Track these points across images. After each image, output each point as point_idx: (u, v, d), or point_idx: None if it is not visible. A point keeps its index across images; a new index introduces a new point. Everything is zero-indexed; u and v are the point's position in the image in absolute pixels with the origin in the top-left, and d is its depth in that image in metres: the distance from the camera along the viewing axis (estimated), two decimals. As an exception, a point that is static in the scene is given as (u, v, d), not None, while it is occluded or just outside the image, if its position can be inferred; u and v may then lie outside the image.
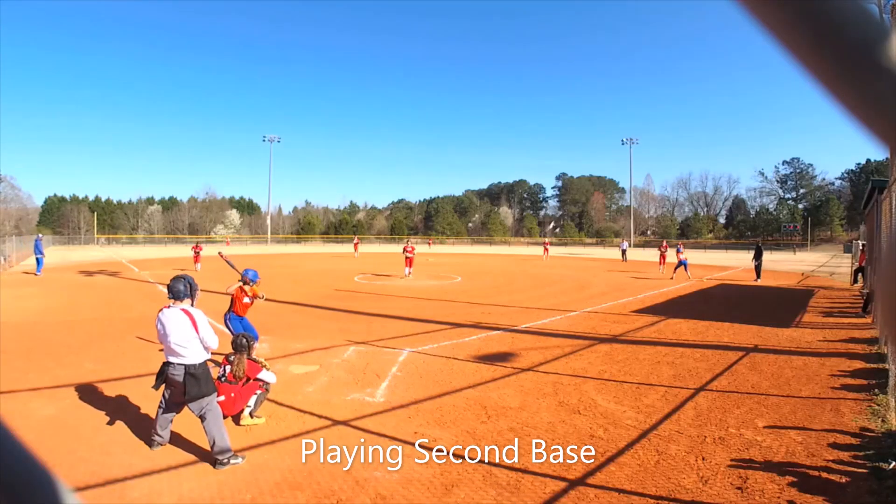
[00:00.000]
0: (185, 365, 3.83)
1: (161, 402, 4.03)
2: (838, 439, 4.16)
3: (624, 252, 33.29)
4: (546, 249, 35.18)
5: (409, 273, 18.96)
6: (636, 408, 4.97)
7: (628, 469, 3.67)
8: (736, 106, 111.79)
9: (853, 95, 0.27)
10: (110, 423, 4.44)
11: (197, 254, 22.44)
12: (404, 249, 19.50)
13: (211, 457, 3.75)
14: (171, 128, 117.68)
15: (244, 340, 4.77)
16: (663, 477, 3.54)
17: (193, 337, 3.86)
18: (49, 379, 5.68)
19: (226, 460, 3.69)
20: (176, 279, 4.07)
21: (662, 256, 21.86)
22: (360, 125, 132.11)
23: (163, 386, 4.00)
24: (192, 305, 4.05)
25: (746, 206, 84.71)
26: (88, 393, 5.20)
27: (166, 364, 3.90)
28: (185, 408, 3.93)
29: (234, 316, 6.33)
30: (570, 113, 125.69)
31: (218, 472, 3.59)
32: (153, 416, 4.39)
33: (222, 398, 4.34)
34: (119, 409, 4.75)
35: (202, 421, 3.82)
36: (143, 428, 4.33)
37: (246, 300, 6.42)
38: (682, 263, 18.74)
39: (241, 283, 6.33)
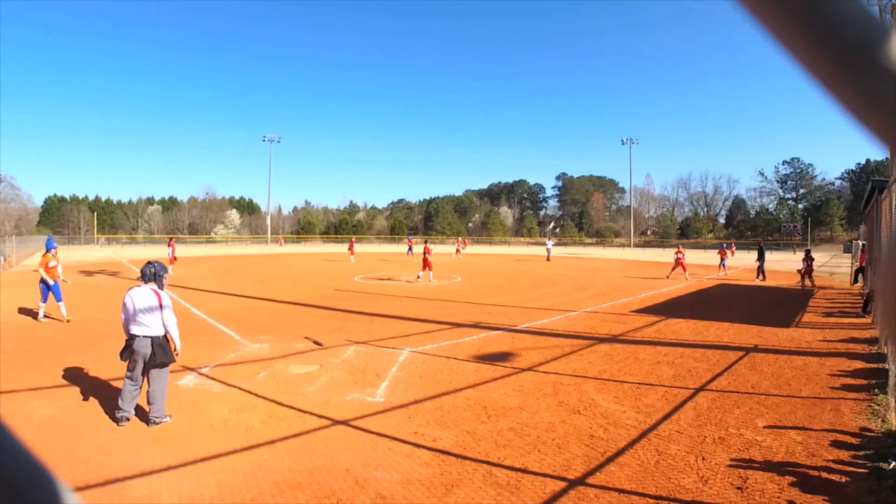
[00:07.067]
0: (151, 337, 4.42)
1: (127, 375, 4.44)
2: (838, 439, 4.16)
3: (549, 251, 32.56)
4: (458, 249, 32.37)
5: (426, 277, 17.13)
6: (636, 408, 4.97)
7: (628, 469, 3.67)
8: (736, 106, 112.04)
9: (853, 95, 0.27)
10: (110, 423, 4.43)
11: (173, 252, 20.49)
12: (425, 250, 17.29)
13: (147, 417, 4.40)
14: (171, 128, 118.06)
15: None
16: (663, 477, 3.54)
17: (158, 312, 4.48)
18: (49, 379, 5.68)
19: (158, 420, 4.37)
20: (147, 265, 4.73)
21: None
22: (360, 125, 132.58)
23: (128, 360, 4.46)
24: (159, 287, 4.66)
25: (746, 206, 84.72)
26: (88, 393, 5.19)
27: (132, 337, 4.42)
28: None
29: None
30: (571, 113, 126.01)
31: (218, 472, 3.59)
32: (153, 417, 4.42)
33: None
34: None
35: (150, 385, 4.40)
36: (144, 428, 4.34)
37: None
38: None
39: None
